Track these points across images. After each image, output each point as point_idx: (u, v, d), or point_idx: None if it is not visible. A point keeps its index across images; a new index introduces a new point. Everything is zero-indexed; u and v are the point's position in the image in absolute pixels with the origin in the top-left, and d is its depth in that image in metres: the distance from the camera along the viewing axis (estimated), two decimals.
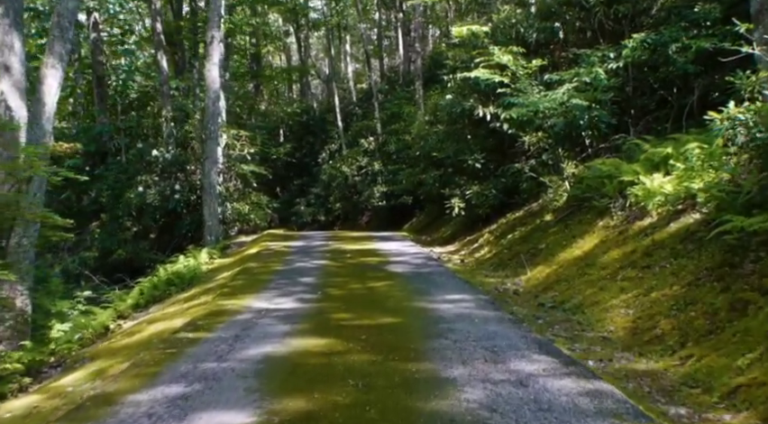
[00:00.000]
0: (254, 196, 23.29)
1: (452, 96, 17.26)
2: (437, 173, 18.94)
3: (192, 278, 14.62)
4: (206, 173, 18.09)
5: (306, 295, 10.02)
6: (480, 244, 15.71)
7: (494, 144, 16.97)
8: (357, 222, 31.82)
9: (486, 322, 7.83)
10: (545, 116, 12.87)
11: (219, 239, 18.54)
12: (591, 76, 12.71)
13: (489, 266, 13.33)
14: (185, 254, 16.18)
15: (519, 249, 13.14)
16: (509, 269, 12.45)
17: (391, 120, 29.40)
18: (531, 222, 14.34)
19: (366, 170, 29.44)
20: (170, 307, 11.59)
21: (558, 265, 11.01)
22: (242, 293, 10.47)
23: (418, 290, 10.26)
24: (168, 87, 21.07)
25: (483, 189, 16.57)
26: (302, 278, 11.75)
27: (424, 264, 13.25)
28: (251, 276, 12.41)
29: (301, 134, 38.28)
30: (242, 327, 7.91)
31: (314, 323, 8.07)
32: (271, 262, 14.18)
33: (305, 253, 15.67)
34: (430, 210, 24.82)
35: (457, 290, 10.15)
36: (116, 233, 18.79)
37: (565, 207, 13.32)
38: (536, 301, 9.80)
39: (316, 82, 50.44)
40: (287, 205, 35.64)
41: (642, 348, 6.91)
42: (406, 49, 36.38)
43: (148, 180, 19.03)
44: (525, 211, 15.47)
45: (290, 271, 12.75)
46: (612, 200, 11.33)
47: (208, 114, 18.14)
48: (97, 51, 22.43)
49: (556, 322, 8.43)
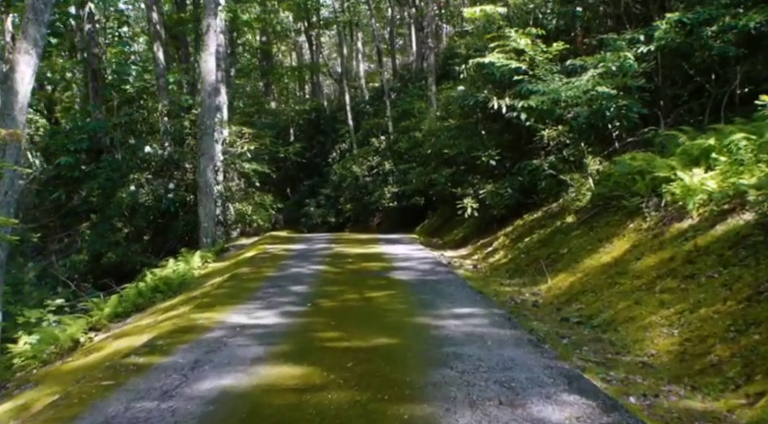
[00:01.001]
0: (257, 196, 21.99)
1: (464, 87, 15.82)
2: (449, 171, 17.52)
3: (180, 284, 13.34)
4: (202, 171, 16.76)
5: (293, 308, 8.63)
6: (495, 247, 14.28)
7: (510, 140, 15.51)
8: (368, 224, 30.55)
9: (501, 345, 6.40)
10: (567, 106, 11.42)
11: (216, 241, 17.22)
12: (619, 61, 11.27)
13: (504, 273, 11.90)
14: (176, 258, 14.85)
15: (538, 254, 11.71)
16: (527, 276, 11.03)
17: (403, 117, 28.00)
18: (551, 224, 12.89)
19: (377, 170, 28.12)
20: (147, 318, 10.27)
21: (583, 273, 9.58)
22: (222, 304, 9.10)
23: (423, 301, 8.84)
24: (164, 80, 19.77)
25: (498, 188, 15.10)
26: (294, 286, 10.36)
27: (431, 271, 11.82)
28: (238, 283, 11.06)
29: (312, 134, 37.09)
30: (207, 348, 6.53)
31: (293, 344, 6.67)
32: (265, 267, 12.83)
33: (303, 257, 14.30)
34: (442, 211, 23.45)
35: (467, 302, 8.73)
36: (107, 234, 17.49)
37: (589, 207, 11.87)
38: (559, 315, 8.40)
39: (329, 82, 49.20)
40: (296, 206, 34.46)
41: (694, 380, 5.49)
42: (419, 45, 34.98)
43: (141, 179, 17.72)
44: (544, 212, 14.01)
45: (283, 277, 11.38)
46: (644, 199, 9.89)
47: (204, 107, 16.81)
48: (92, 44, 21.15)
49: (584, 342, 7.02)
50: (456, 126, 16.78)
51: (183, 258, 15.18)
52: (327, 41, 48.84)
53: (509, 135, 15.45)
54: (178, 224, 17.94)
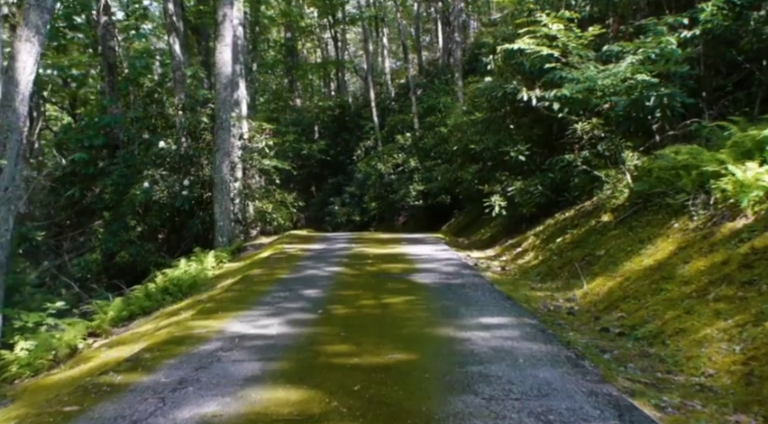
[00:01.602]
0: (278, 194, 21.19)
1: (491, 78, 14.87)
2: (475, 168, 16.60)
3: (191, 286, 12.58)
4: (217, 167, 15.97)
5: (302, 315, 7.78)
6: (524, 248, 13.34)
7: (540, 134, 14.55)
8: (393, 223, 29.73)
9: (535, 363, 5.50)
10: (604, 95, 10.45)
11: (232, 241, 16.43)
12: (660, 47, 10.28)
13: (535, 276, 10.97)
14: (188, 258, 14.08)
15: (572, 255, 10.75)
16: (560, 280, 10.10)
17: (428, 114, 27.09)
18: (584, 223, 11.92)
19: (402, 168, 27.25)
20: (150, 323, 9.50)
21: (623, 277, 8.63)
22: (225, 310, 8.28)
23: (446, 309, 7.94)
24: (181, 73, 19.01)
25: (527, 185, 14.15)
26: (306, 290, 9.51)
27: (456, 273, 10.90)
28: (247, 286, 10.25)
29: (336, 131, 36.36)
30: (197, 364, 5.70)
31: (295, 360, 5.81)
32: (279, 268, 12.01)
33: (320, 258, 13.46)
34: (469, 210, 22.55)
35: (496, 310, 7.83)
36: (120, 233, 16.77)
37: (627, 205, 10.90)
38: (598, 325, 7.49)
39: (354, 79, 48.41)
40: (321, 205, 33.74)
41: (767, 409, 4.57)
42: (446, 40, 34.05)
43: (155, 175, 16.96)
44: (577, 211, 13.05)
45: (296, 280, 10.54)
46: (690, 196, 8.92)
47: (219, 101, 16.02)
48: (108, 36, 20.48)
49: (629, 358, 6.11)
50: (483, 120, 15.83)
51: (196, 258, 14.43)
52: (353, 37, 48.04)
53: (539, 129, 14.51)
54: (193, 222, 17.18)
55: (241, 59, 19.75)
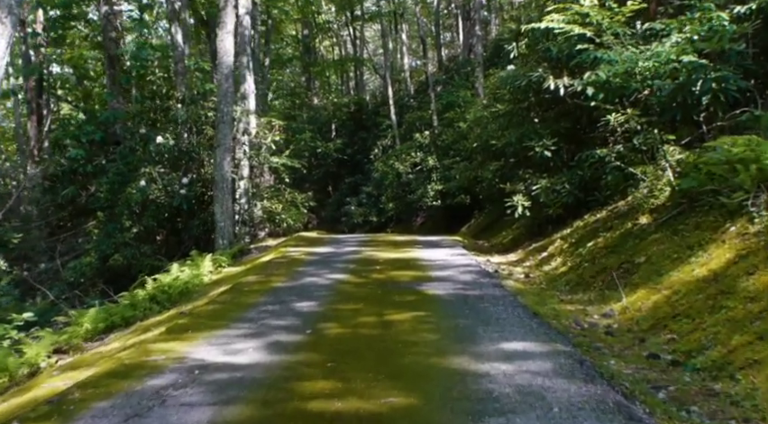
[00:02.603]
0: (288, 193, 19.87)
1: (515, 66, 13.43)
2: (497, 165, 15.17)
3: (182, 293, 11.33)
4: (218, 164, 14.67)
5: (287, 336, 6.43)
6: (550, 252, 11.91)
7: (567, 127, 13.09)
8: (411, 224, 28.35)
9: (575, 414, 4.10)
10: (645, 79, 9.00)
11: (233, 243, 15.13)
12: (708, 24, 8.82)
13: (563, 285, 9.55)
14: (183, 262, 12.82)
15: (606, 262, 9.32)
16: (594, 290, 8.69)
17: (447, 110, 25.62)
18: (619, 226, 10.46)
19: (420, 167, 25.84)
20: (121, 339, 8.25)
21: (670, 289, 7.22)
22: (198, 329, 6.95)
23: (460, 330, 6.55)
24: (183, 65, 17.77)
25: (554, 184, 12.70)
26: (300, 302, 8.16)
27: (474, 283, 9.49)
28: (235, 297, 8.94)
29: (353, 130, 35.05)
30: (132, 410, 4.38)
31: (260, 404, 4.45)
32: (276, 275, 10.69)
33: (325, 262, 12.11)
34: (489, 211, 21.11)
35: (520, 331, 6.42)
36: (115, 234, 15.52)
37: (669, 205, 9.46)
38: (644, 349, 6.11)
39: (374, 78, 47.05)
40: (337, 205, 32.47)
41: None
42: (467, 35, 32.61)
43: (152, 173, 15.68)
44: (609, 212, 11.59)
45: (291, 290, 9.20)
46: (750, 195, 7.48)
47: (221, 92, 14.73)
48: (109, 27, 19.24)
49: (690, 397, 4.77)
50: (505, 113, 14.36)
51: (192, 262, 13.16)
52: (372, 34, 46.70)
53: (566, 122, 13.06)
54: (193, 223, 15.89)
55: (248, 51, 18.46)
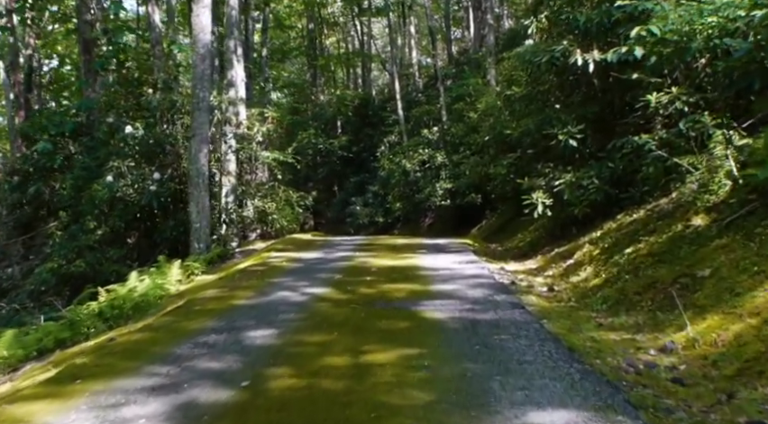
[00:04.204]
0: (283, 191, 17.81)
1: (534, 40, 11.30)
2: (512, 157, 13.05)
3: (136, 308, 9.33)
4: (193, 156, 12.62)
5: (210, 394, 4.32)
6: (578, 260, 9.78)
7: (595, 112, 10.96)
8: (419, 225, 26.24)
9: None
10: (710, 38, 6.86)
11: (211, 246, 13.05)
12: None
13: (599, 303, 7.42)
14: (144, 270, 10.80)
15: (655, 275, 7.19)
16: (642, 312, 6.58)
17: (457, 102, 23.43)
18: (665, 228, 8.32)
19: (428, 164, 23.72)
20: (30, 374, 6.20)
21: (757, 317, 5.13)
22: (92, 376, 4.88)
23: (466, 382, 4.41)
24: (161, 47, 15.76)
25: (579, 178, 10.57)
26: (254, 330, 6.08)
27: (487, 301, 7.34)
28: (177, 320, 6.89)
29: (359, 126, 33.02)
30: None
31: None
32: (243, 288, 8.64)
33: (307, 272, 10.02)
34: (502, 210, 18.98)
35: (555, 387, 4.29)
36: (78, 237, 13.50)
37: (734, 202, 7.33)
38: (738, 412, 4.05)
39: (382, 74, 44.95)
40: (343, 204, 30.43)
41: None
42: (478, 27, 30.46)
43: (121, 167, 13.64)
44: (649, 211, 9.44)
45: (251, 310, 7.12)
46: None
47: (196, 75, 12.69)
48: (84, 9, 17.18)
49: None
50: (522, 96, 12.21)
51: (157, 270, 11.13)
52: (380, 30, 44.57)
53: (594, 106, 10.95)
54: (166, 225, 13.81)
55: (235, 34, 16.43)
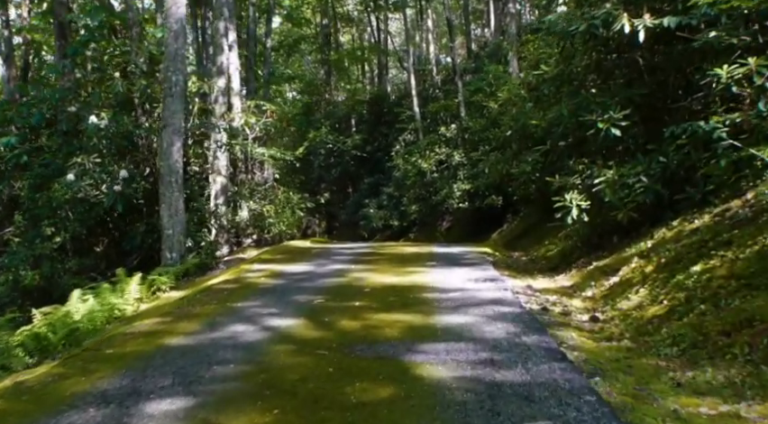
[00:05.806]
0: (282, 192, 15.81)
1: (566, 7, 9.16)
2: (540, 151, 10.90)
3: (68, 336, 7.41)
4: (165, 151, 10.62)
5: None
6: (625, 277, 7.61)
7: (643, 94, 8.78)
8: (435, 228, 24.16)
9: None
10: None
11: (186, 256, 11.03)
12: None
13: (667, 344, 5.26)
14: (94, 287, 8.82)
15: (747, 307, 5.04)
16: (735, 362, 4.46)
17: (475, 94, 21.24)
18: (747, 239, 6.14)
19: (446, 164, 21.63)
20: None
21: None
22: None
23: None
24: (138, 29, 13.79)
25: (624, 176, 8.39)
26: (159, 401, 4.05)
27: (511, 346, 5.13)
28: (64, 373, 4.83)
29: (374, 124, 31.00)
30: None
31: None
32: (193, 316, 6.62)
33: (283, 293, 7.90)
34: (526, 214, 16.85)
35: None
36: (35, 244, 11.53)
37: None
38: None
39: (399, 73, 42.89)
40: (357, 207, 28.40)
41: None
42: (498, 17, 28.33)
43: (85, 164, 11.65)
44: (717, 216, 7.28)
45: (181, 358, 5.09)
46: None
47: (168, 55, 10.70)
48: None
49: None
50: (552, 77, 10.01)
51: (111, 286, 9.15)
52: (397, 27, 42.50)
53: (642, 87, 8.78)
54: (137, 230, 11.81)
55: (226, 14, 14.41)
